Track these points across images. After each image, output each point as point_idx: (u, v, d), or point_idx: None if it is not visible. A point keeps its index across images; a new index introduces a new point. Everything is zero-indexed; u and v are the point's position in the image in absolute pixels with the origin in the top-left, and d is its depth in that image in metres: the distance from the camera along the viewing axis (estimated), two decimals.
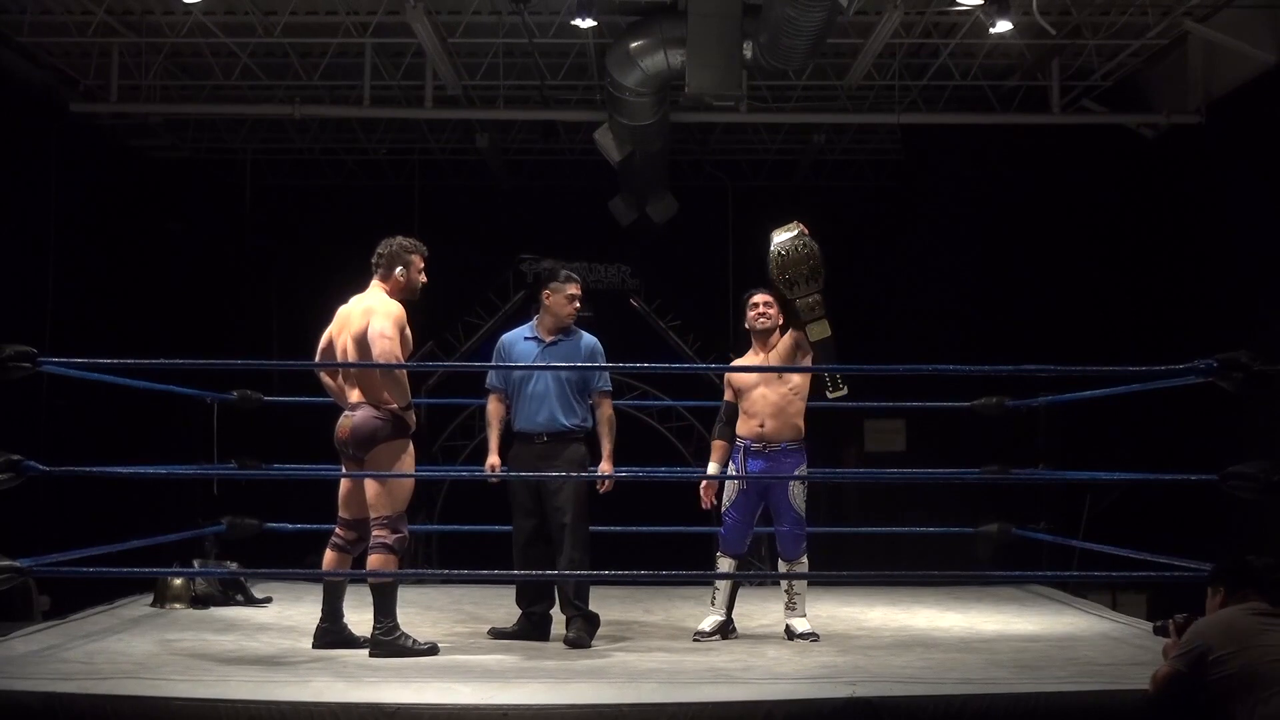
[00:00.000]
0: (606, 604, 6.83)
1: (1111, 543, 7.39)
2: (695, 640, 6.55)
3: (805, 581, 6.67)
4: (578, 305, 6.75)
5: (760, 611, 7.54)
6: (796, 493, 6.61)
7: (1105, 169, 12.43)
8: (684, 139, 13.70)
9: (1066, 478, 9.33)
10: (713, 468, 6.78)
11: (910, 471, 9.85)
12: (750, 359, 6.83)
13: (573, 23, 10.17)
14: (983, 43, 11.30)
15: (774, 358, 6.70)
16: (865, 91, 12.39)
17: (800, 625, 6.59)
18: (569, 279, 6.75)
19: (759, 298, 6.80)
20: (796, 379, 6.62)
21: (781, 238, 6.64)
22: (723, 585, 6.71)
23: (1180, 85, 11.55)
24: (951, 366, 6.63)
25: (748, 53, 9.66)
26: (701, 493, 6.76)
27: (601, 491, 6.60)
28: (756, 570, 12.41)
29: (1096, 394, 7.50)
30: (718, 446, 6.80)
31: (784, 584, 6.69)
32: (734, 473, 6.69)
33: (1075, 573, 8.78)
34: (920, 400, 8.51)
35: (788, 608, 6.66)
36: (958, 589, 8.45)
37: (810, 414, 6.83)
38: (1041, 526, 8.54)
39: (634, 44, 10.11)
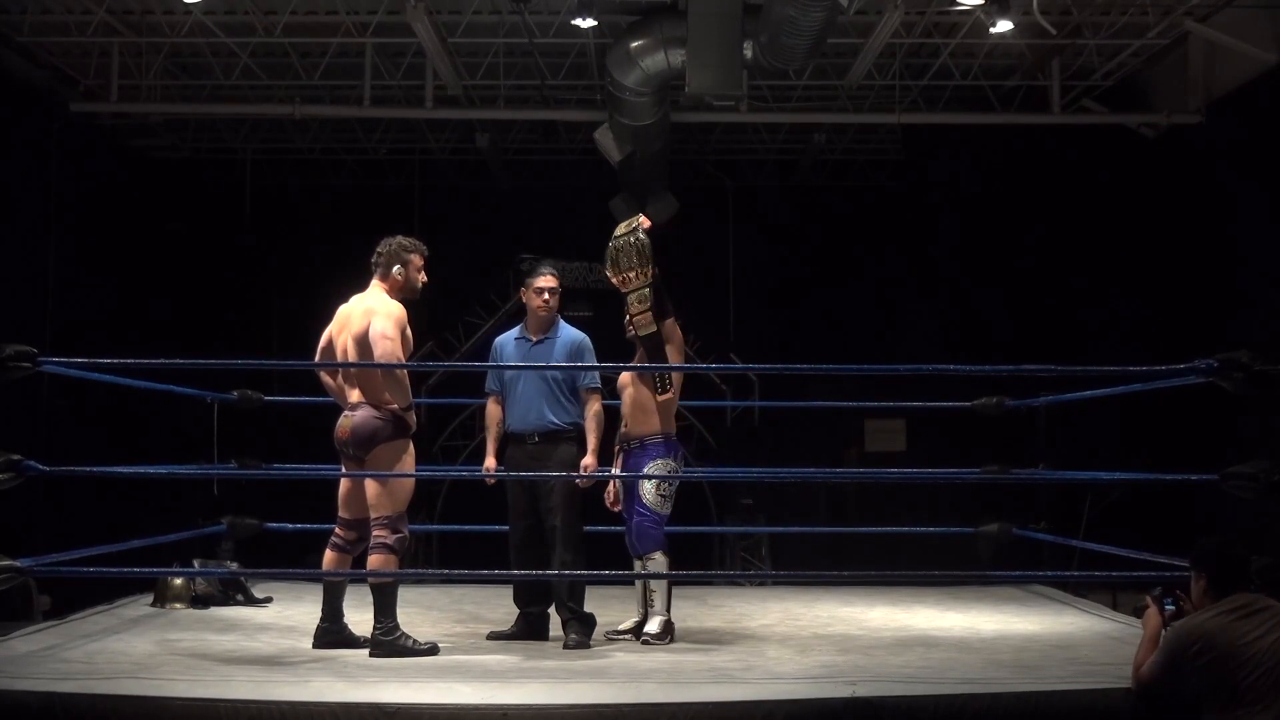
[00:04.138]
0: (606, 604, 6.82)
1: (1111, 543, 7.39)
2: (608, 637, 6.52)
3: (664, 580, 6.45)
4: (547, 298, 6.65)
5: (760, 611, 7.54)
6: (646, 486, 6.46)
7: (1105, 169, 12.44)
8: (684, 139, 13.71)
9: (1066, 478, 9.32)
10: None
11: (910, 471, 9.85)
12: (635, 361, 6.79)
13: (573, 22, 10.19)
14: (983, 43, 11.31)
15: (642, 355, 6.62)
16: (865, 91, 12.40)
17: (652, 625, 6.41)
18: (540, 273, 6.67)
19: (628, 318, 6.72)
20: (655, 376, 6.51)
21: (618, 232, 6.63)
22: (638, 585, 6.63)
23: (1180, 85, 11.55)
24: (951, 366, 6.62)
25: (748, 52, 9.66)
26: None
27: (582, 487, 6.52)
28: (758, 570, 12.44)
29: (1096, 394, 7.50)
30: None
31: (642, 582, 6.55)
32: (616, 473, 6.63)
33: (1075, 573, 8.78)
34: (920, 400, 8.50)
35: (648, 603, 6.50)
36: (958, 589, 8.44)
37: (810, 414, 6.82)
38: (1041, 526, 8.54)
39: (634, 44, 10.11)
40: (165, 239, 13.65)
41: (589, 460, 6.46)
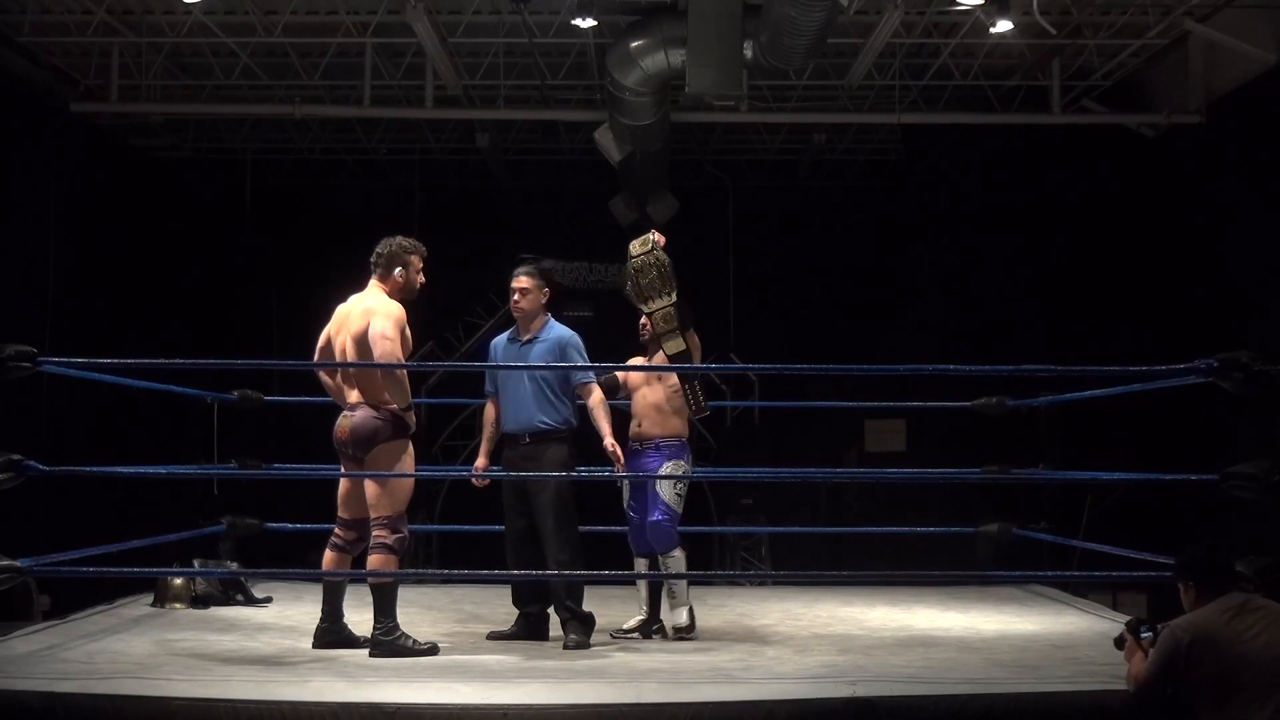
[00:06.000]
0: (606, 604, 6.82)
1: (1111, 543, 7.39)
2: (613, 637, 6.56)
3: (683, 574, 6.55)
4: (516, 299, 6.63)
5: (760, 611, 7.55)
6: (664, 485, 6.52)
7: (1105, 169, 12.44)
8: (684, 139, 13.70)
9: (1066, 478, 9.33)
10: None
11: (910, 471, 9.85)
12: (638, 361, 6.82)
13: (573, 22, 10.19)
14: (983, 43, 11.31)
15: (660, 358, 6.65)
16: (865, 91, 12.39)
17: (680, 618, 6.50)
18: (513, 274, 6.66)
19: (643, 319, 6.75)
20: (676, 378, 6.58)
21: (634, 251, 6.59)
22: (641, 585, 6.69)
23: (1180, 85, 11.55)
24: (951, 366, 6.63)
25: (748, 52, 9.66)
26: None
27: (619, 466, 6.48)
28: (758, 570, 12.44)
29: (1097, 394, 7.50)
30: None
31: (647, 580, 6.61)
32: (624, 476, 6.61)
33: (1075, 573, 8.78)
34: (920, 400, 8.50)
35: (668, 597, 6.58)
36: (958, 589, 8.45)
37: (810, 414, 6.82)
38: (1042, 526, 8.55)
39: (634, 44, 10.11)
40: (165, 239, 13.65)
41: (610, 442, 6.43)
